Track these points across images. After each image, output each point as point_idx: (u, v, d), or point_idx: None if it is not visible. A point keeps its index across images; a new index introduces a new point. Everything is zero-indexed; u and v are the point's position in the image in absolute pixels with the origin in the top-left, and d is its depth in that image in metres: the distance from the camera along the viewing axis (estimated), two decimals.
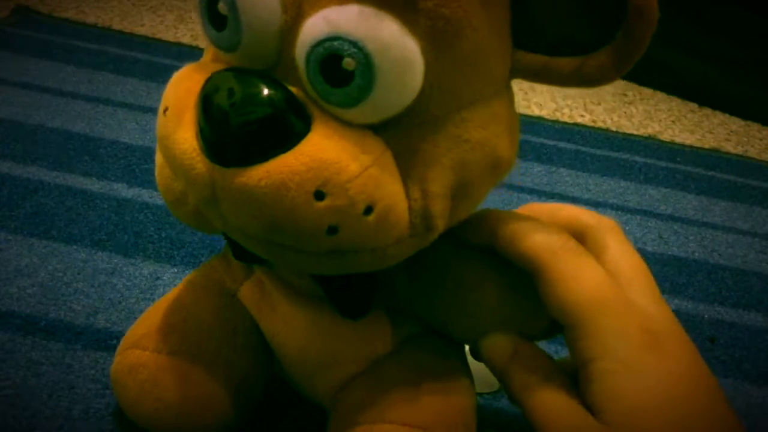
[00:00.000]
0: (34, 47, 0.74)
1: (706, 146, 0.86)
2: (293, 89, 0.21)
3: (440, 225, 0.24)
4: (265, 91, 0.20)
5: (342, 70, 0.20)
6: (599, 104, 0.94)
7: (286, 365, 0.31)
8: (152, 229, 0.47)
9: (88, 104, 0.64)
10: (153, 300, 0.40)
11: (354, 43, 0.19)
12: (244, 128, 0.20)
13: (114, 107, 0.65)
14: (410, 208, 0.23)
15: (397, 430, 0.26)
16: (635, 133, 0.86)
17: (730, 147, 0.88)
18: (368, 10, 0.19)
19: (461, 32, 0.21)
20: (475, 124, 0.23)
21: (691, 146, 0.85)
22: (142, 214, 0.49)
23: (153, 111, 0.66)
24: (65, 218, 0.47)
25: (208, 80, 0.22)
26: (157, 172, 0.29)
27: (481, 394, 0.37)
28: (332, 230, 0.21)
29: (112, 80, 0.70)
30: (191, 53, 0.82)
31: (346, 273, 0.24)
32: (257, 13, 0.21)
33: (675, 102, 1.01)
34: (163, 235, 0.47)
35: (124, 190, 0.51)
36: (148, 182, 0.53)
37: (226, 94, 0.21)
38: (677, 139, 0.87)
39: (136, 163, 0.56)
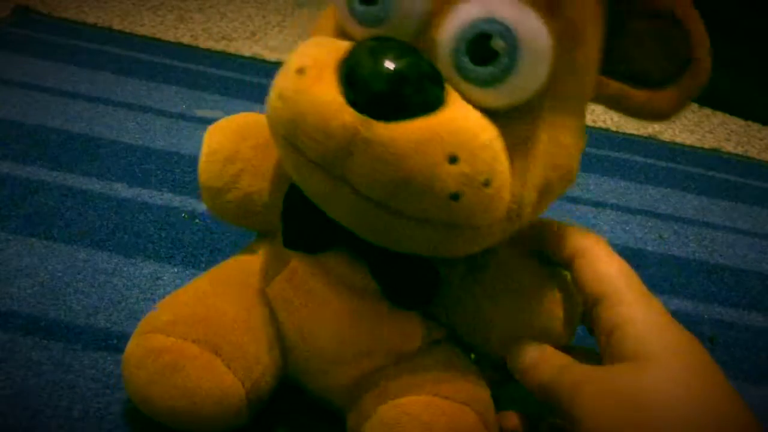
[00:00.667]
0: (34, 47, 0.74)
1: (706, 146, 0.86)
2: None
3: (527, 215, 0.26)
4: (418, 59, 0.22)
5: (488, 49, 0.22)
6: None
7: (308, 360, 0.31)
8: (152, 229, 0.47)
9: (88, 104, 0.64)
10: (154, 300, 0.40)
11: (507, 27, 0.22)
12: (396, 87, 0.22)
13: (114, 107, 0.65)
14: (511, 192, 0.24)
15: (444, 403, 0.28)
16: (635, 133, 0.86)
17: (730, 147, 0.88)
18: (519, 2, 0.22)
19: (581, 41, 0.24)
20: (570, 131, 0.26)
21: (691, 146, 0.85)
22: (142, 214, 0.49)
23: (153, 111, 0.66)
24: (65, 218, 0.47)
25: (357, 46, 0.23)
26: (204, 160, 0.31)
27: None
28: (455, 196, 0.23)
29: (112, 80, 0.70)
30: (191, 53, 0.82)
31: (432, 253, 0.26)
32: None
33: None
34: (163, 235, 0.47)
35: (124, 190, 0.51)
36: (148, 182, 0.53)
37: (378, 57, 0.22)
38: (677, 139, 0.87)
39: (136, 163, 0.55)
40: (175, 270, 0.44)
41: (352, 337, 0.30)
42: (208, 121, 0.33)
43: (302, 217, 0.29)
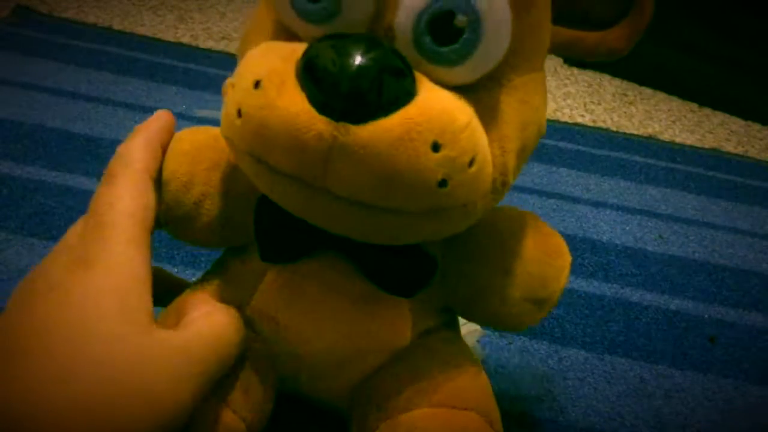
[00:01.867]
0: (34, 47, 0.74)
1: (706, 146, 0.86)
2: None
3: (511, 181, 0.26)
4: (384, 51, 0.21)
5: (451, 28, 0.21)
6: (599, 104, 0.94)
7: (301, 370, 0.30)
8: None
9: (88, 104, 0.64)
10: None
11: (468, 4, 0.21)
12: (368, 85, 0.21)
13: (114, 107, 0.65)
14: (493, 163, 0.24)
15: (448, 414, 0.27)
16: (635, 133, 0.86)
17: (730, 147, 0.88)
18: None
19: (534, 1, 0.24)
20: (535, 89, 0.26)
21: (691, 146, 0.85)
22: None
23: (153, 111, 0.65)
24: (65, 218, 0.47)
25: (312, 47, 0.22)
26: (165, 189, 0.29)
27: None
28: (443, 183, 0.22)
29: (112, 80, 0.70)
30: (191, 53, 0.82)
31: (424, 239, 0.26)
32: None
33: (675, 102, 1.01)
34: (163, 235, 0.47)
35: None
36: None
37: (343, 57, 0.21)
38: (677, 139, 0.87)
39: None
40: (175, 270, 0.44)
41: (342, 339, 0.29)
42: (208, 121, 0.33)
43: (276, 228, 0.28)
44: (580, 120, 0.87)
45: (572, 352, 0.43)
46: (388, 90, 0.21)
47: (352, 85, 0.21)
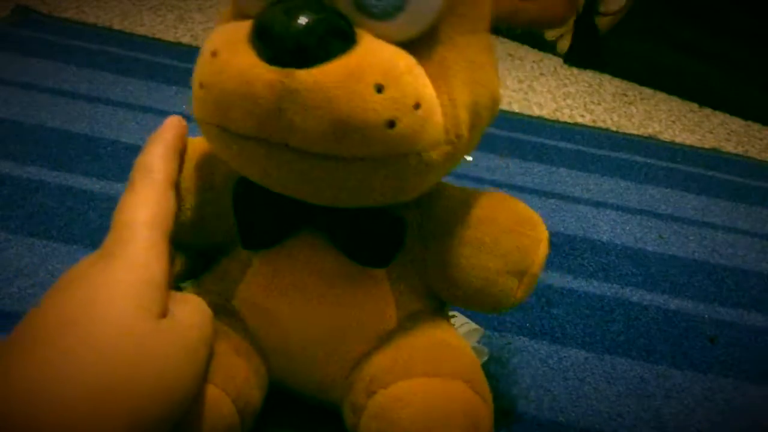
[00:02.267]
0: (34, 47, 0.74)
1: (706, 146, 0.86)
2: None
3: (466, 134, 0.27)
4: (324, 11, 0.23)
5: None
6: (599, 104, 0.94)
7: (291, 360, 0.31)
8: None
9: (88, 104, 0.64)
10: None
11: None
12: (310, 32, 0.22)
13: (114, 107, 0.65)
14: (444, 113, 0.25)
15: (436, 382, 0.28)
16: (635, 133, 0.86)
17: (730, 147, 0.88)
18: None
19: None
20: (480, 49, 0.27)
21: (691, 146, 0.85)
22: None
23: (153, 111, 0.66)
24: (65, 218, 0.47)
25: (261, 13, 0.23)
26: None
27: None
28: (390, 124, 0.23)
29: (112, 80, 0.70)
30: (191, 53, 0.82)
31: (390, 199, 0.27)
32: None
33: (675, 102, 1.01)
34: None
35: (124, 190, 0.51)
36: None
37: (285, 15, 0.23)
38: (677, 139, 0.87)
39: None
40: None
41: (326, 321, 0.30)
42: None
43: (254, 212, 0.29)
44: (580, 120, 0.87)
45: (572, 352, 0.43)
46: (328, 35, 0.23)
47: (298, 38, 0.22)
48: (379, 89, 0.23)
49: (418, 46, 0.25)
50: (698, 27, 1.04)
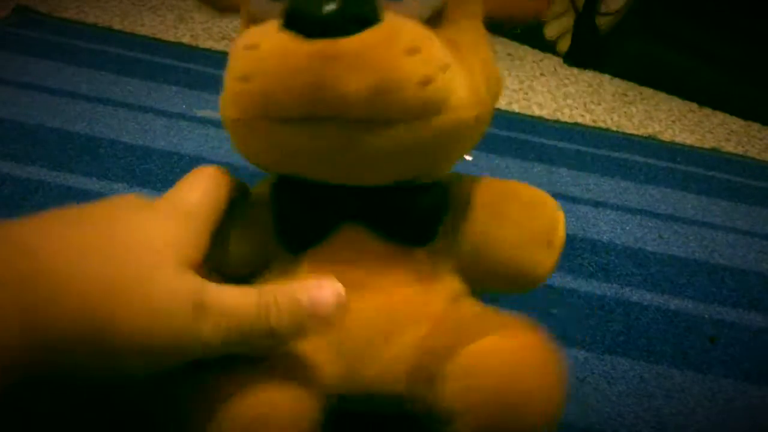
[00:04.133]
0: (34, 47, 0.74)
1: (706, 146, 0.86)
2: None
3: (488, 103, 0.29)
4: None
5: None
6: (599, 104, 0.94)
7: (351, 357, 0.30)
8: None
9: (88, 104, 0.64)
10: None
11: None
12: (341, 11, 0.24)
13: (114, 107, 0.65)
14: (466, 85, 0.27)
15: (518, 335, 0.28)
16: (635, 133, 0.86)
17: (730, 147, 0.88)
18: None
19: None
20: (481, 33, 0.30)
21: (691, 146, 0.85)
22: None
23: (153, 111, 0.66)
24: None
25: (288, 4, 0.25)
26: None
27: None
28: (425, 82, 0.25)
29: (113, 80, 0.70)
30: (191, 53, 0.82)
31: (427, 169, 0.29)
32: None
33: (675, 102, 1.01)
34: None
35: (124, 190, 0.51)
36: (148, 182, 0.53)
37: (320, 1, 0.24)
38: (677, 139, 0.87)
39: (136, 163, 0.55)
40: None
41: (384, 312, 0.30)
42: (208, 121, 0.33)
43: (294, 212, 0.30)
44: (580, 120, 0.87)
45: (572, 352, 0.44)
46: (360, 8, 0.25)
47: (328, 8, 0.24)
48: (411, 52, 0.25)
49: (430, 25, 0.27)
50: (699, 27, 1.04)
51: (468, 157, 0.37)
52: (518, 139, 0.76)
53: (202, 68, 0.78)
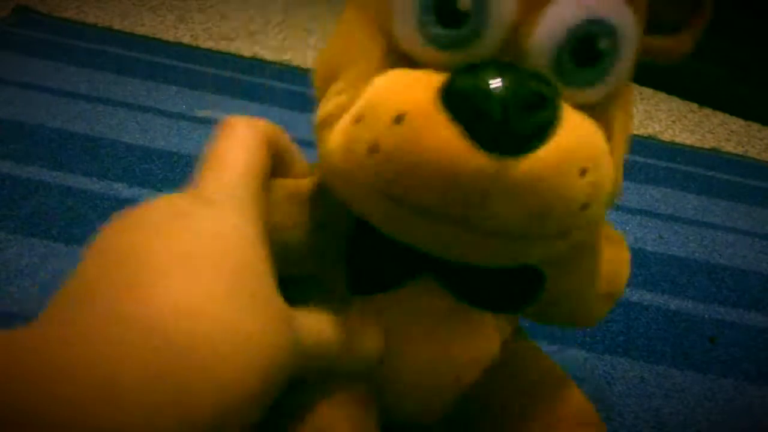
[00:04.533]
0: (34, 47, 0.74)
1: (706, 146, 0.86)
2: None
3: (620, 193, 0.26)
4: (535, 77, 0.21)
5: (593, 50, 0.22)
6: None
7: (401, 394, 0.30)
8: None
9: (88, 104, 0.64)
10: None
11: (611, 25, 0.22)
12: (528, 115, 0.20)
13: (114, 107, 0.65)
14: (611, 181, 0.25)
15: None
16: (635, 133, 0.86)
17: (730, 147, 0.88)
18: None
19: (643, 16, 0.24)
20: (632, 97, 0.27)
21: (691, 146, 0.85)
22: None
23: (153, 111, 0.66)
24: (65, 218, 0.47)
25: (456, 79, 0.21)
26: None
27: None
28: (585, 206, 0.22)
29: (113, 80, 0.70)
30: (191, 53, 0.82)
31: (544, 258, 0.25)
32: (505, 7, 0.21)
33: (675, 102, 1.01)
34: None
35: (124, 190, 0.51)
36: (148, 182, 0.53)
37: (493, 87, 0.20)
38: (677, 139, 0.87)
39: (136, 163, 0.56)
40: None
41: (438, 358, 0.29)
42: (208, 121, 0.33)
43: (369, 258, 0.27)
44: None
45: (572, 352, 0.44)
46: (541, 118, 0.21)
47: (506, 116, 0.20)
48: (583, 173, 0.21)
49: (592, 105, 0.23)
50: None
51: None
52: None
53: (202, 68, 0.78)
